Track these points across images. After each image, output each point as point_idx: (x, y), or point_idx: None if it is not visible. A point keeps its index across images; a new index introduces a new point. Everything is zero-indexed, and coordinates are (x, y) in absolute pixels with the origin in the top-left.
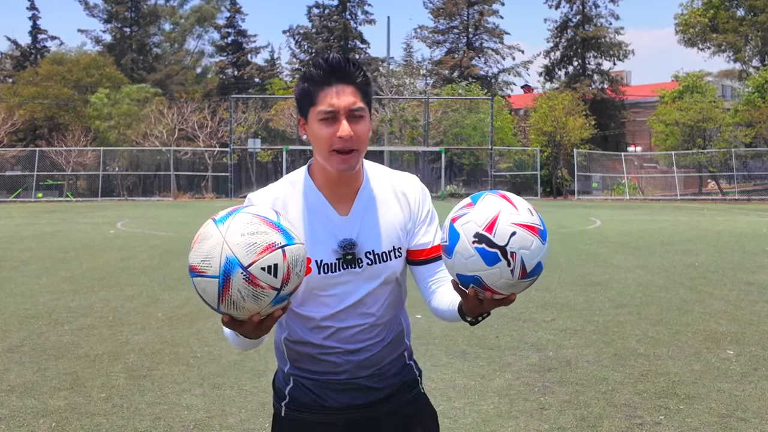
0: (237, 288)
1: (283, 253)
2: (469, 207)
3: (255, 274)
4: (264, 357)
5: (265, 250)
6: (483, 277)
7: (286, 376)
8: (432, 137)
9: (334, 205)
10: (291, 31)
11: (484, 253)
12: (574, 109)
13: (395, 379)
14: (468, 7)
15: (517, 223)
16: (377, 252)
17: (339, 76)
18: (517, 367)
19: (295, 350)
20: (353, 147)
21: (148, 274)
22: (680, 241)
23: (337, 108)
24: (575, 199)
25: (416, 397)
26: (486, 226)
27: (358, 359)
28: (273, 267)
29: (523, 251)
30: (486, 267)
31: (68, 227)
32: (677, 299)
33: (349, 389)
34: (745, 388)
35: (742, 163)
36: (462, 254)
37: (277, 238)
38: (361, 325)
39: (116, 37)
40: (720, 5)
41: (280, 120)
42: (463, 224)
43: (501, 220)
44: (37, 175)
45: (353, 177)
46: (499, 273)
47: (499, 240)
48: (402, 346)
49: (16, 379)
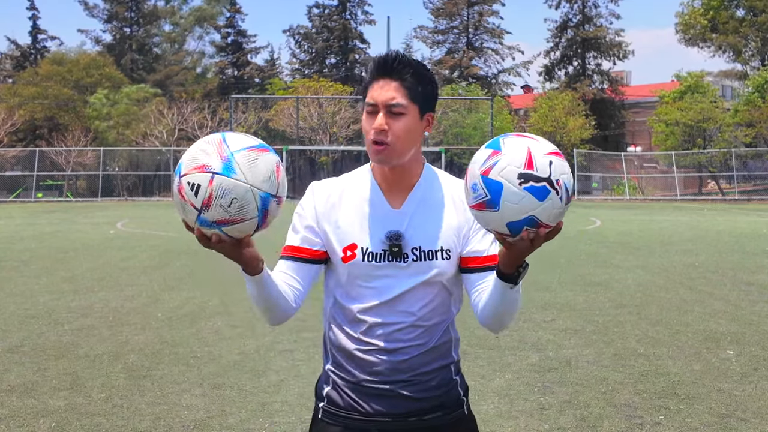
0: (174, 191)
1: (211, 178)
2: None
3: (182, 185)
4: (264, 357)
5: (197, 168)
6: (537, 214)
7: (326, 375)
8: (432, 137)
9: (387, 198)
10: (291, 31)
11: (534, 189)
12: (574, 109)
13: (436, 392)
14: (468, 7)
15: (549, 152)
16: (424, 249)
17: (385, 71)
18: (517, 367)
19: (335, 344)
20: (384, 140)
21: (148, 274)
22: (680, 241)
23: (377, 101)
24: (575, 199)
25: (459, 418)
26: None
27: (394, 359)
28: (196, 185)
29: (563, 176)
30: (539, 203)
31: (68, 227)
32: (677, 299)
33: (385, 396)
34: (745, 388)
35: (742, 163)
36: (511, 200)
37: (214, 163)
38: (400, 323)
39: (116, 37)
40: (720, 5)
41: (280, 120)
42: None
43: (535, 153)
44: (37, 175)
45: (407, 172)
46: (551, 205)
47: (542, 173)
48: (448, 358)
49: (16, 379)
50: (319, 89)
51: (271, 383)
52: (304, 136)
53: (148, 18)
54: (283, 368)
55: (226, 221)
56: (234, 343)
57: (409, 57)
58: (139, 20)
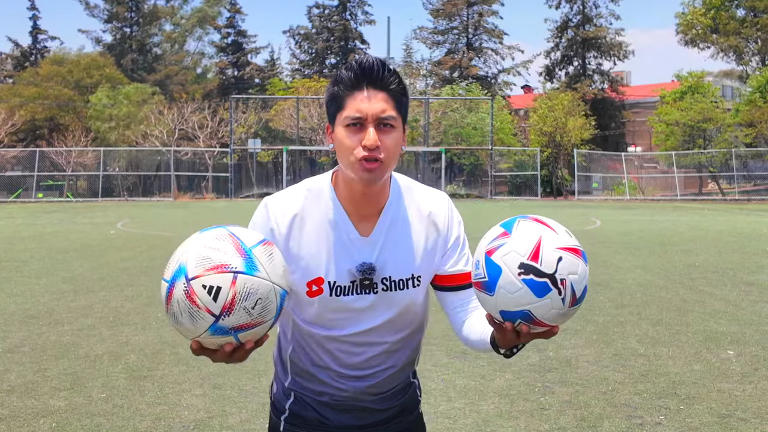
0: (176, 299)
1: (234, 278)
2: (505, 237)
3: (195, 289)
4: (264, 357)
5: (214, 269)
6: (532, 310)
7: (286, 390)
8: (432, 137)
9: (355, 223)
10: (291, 32)
11: (533, 284)
12: (574, 110)
13: (399, 400)
14: (467, 7)
15: (562, 247)
16: (395, 279)
17: (371, 80)
18: (518, 368)
19: (300, 367)
20: (378, 157)
21: (148, 274)
22: (680, 241)
23: (365, 114)
24: (575, 200)
25: (416, 419)
26: (531, 254)
27: (363, 385)
28: (215, 289)
29: (572, 276)
30: (536, 299)
31: (68, 227)
32: (677, 299)
33: (353, 410)
34: (746, 388)
35: (742, 164)
36: (507, 289)
37: (234, 262)
38: (371, 352)
39: (116, 37)
40: (720, 5)
41: (280, 120)
42: (503, 256)
43: (544, 245)
44: (37, 175)
45: (378, 193)
46: (550, 304)
47: (547, 268)
48: (410, 369)
49: (16, 380)
50: (319, 89)
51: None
52: (304, 136)
53: (148, 18)
54: None
55: (247, 325)
56: None
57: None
58: (140, 20)
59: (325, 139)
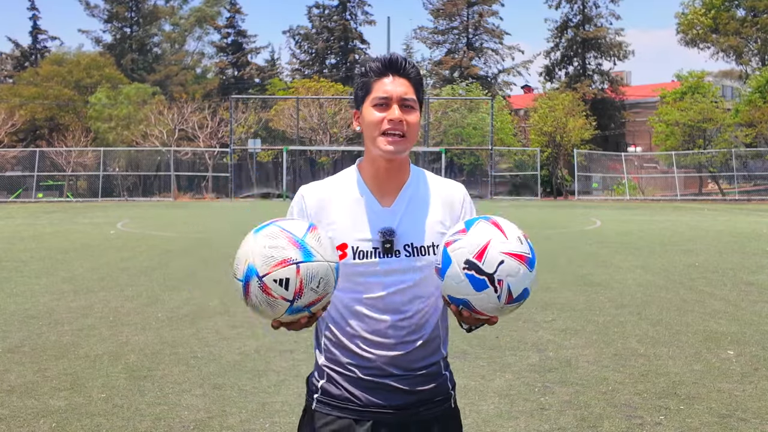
0: (254, 294)
1: (297, 268)
2: (462, 233)
3: (268, 285)
4: (264, 357)
5: (279, 264)
6: (471, 301)
7: (320, 370)
8: (432, 137)
9: (378, 197)
10: (291, 32)
11: (473, 279)
12: (574, 110)
13: (428, 385)
14: (468, 7)
15: (506, 252)
16: (416, 245)
17: (395, 69)
18: (518, 368)
19: (332, 341)
20: (402, 130)
21: (148, 274)
22: (680, 241)
23: (391, 95)
24: (575, 200)
25: (447, 412)
26: (476, 254)
27: (389, 354)
28: (285, 280)
29: (510, 278)
30: (474, 292)
31: (68, 227)
32: (677, 299)
33: (380, 388)
34: (746, 388)
35: (742, 164)
36: (452, 279)
37: (293, 254)
38: (393, 319)
39: (116, 37)
40: (720, 5)
41: (280, 120)
42: (455, 250)
43: (491, 248)
44: (37, 175)
45: (399, 170)
46: (486, 298)
47: (487, 268)
48: (437, 355)
49: (16, 380)
50: (319, 89)
51: (272, 383)
52: (304, 136)
53: (148, 18)
54: (283, 368)
55: (316, 300)
56: (234, 344)
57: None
58: (140, 20)
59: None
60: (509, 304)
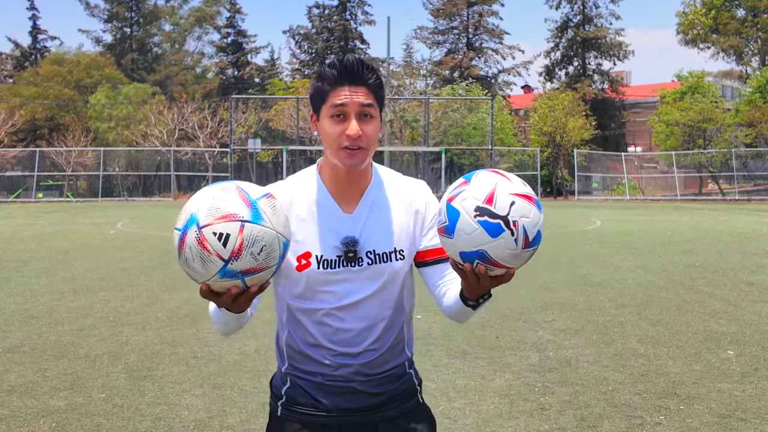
0: (189, 245)
1: (241, 227)
2: (464, 185)
3: (206, 236)
4: (264, 357)
5: (223, 218)
6: (488, 250)
7: (283, 376)
8: (432, 137)
9: (339, 203)
10: (291, 32)
11: (487, 225)
12: (574, 110)
13: (392, 385)
14: (468, 7)
15: (515, 193)
16: (378, 252)
17: (352, 77)
18: (518, 368)
19: (294, 349)
20: (361, 145)
21: (148, 274)
22: (680, 241)
23: (348, 106)
24: (575, 200)
25: (415, 406)
26: (485, 198)
27: (355, 363)
28: (224, 235)
29: (524, 219)
30: (490, 239)
31: (68, 227)
32: (677, 299)
33: (345, 392)
34: (746, 388)
35: (742, 164)
36: (465, 230)
37: (241, 211)
38: (360, 327)
39: (116, 37)
40: (721, 6)
41: (280, 120)
42: (462, 201)
43: (499, 191)
44: (37, 175)
45: (361, 176)
46: (504, 244)
47: (500, 210)
48: (401, 357)
49: (16, 380)
50: None
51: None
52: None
53: (148, 18)
54: None
55: (253, 269)
56: (234, 344)
57: (368, 62)
58: (140, 20)
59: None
60: (526, 249)
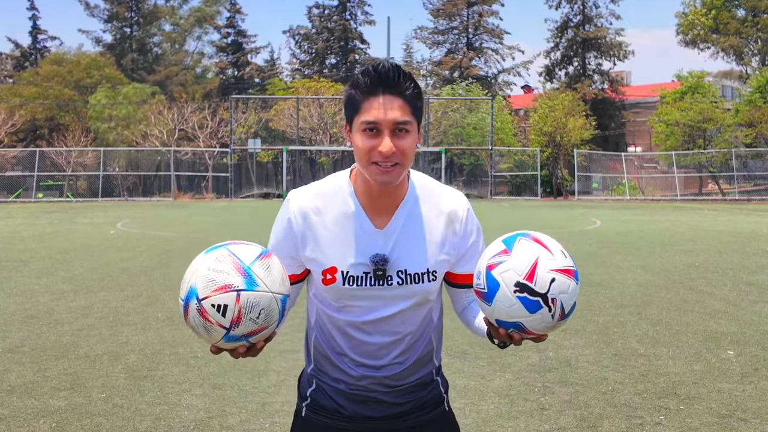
0: (192, 316)
1: (237, 296)
2: (505, 254)
3: (206, 309)
4: (265, 357)
5: (219, 290)
6: (524, 323)
7: (309, 377)
8: (432, 137)
9: (370, 216)
10: (291, 32)
11: (526, 301)
12: (574, 110)
13: (417, 395)
14: (467, 7)
15: (555, 269)
16: (410, 272)
17: (387, 86)
18: (518, 368)
19: (320, 352)
20: (396, 161)
21: (148, 274)
22: (680, 241)
23: (381, 122)
24: (575, 200)
25: (440, 415)
26: (526, 275)
27: (379, 375)
28: (223, 306)
29: (562, 296)
30: (528, 314)
31: (68, 227)
32: (677, 299)
33: (368, 401)
34: (746, 388)
35: (742, 164)
36: (503, 302)
37: (235, 281)
38: (386, 341)
39: (116, 37)
40: (721, 6)
41: (280, 120)
42: (502, 273)
43: (540, 267)
44: (37, 175)
45: (395, 189)
46: (540, 319)
47: (540, 288)
48: (429, 366)
49: (16, 380)
50: (319, 89)
51: (272, 383)
52: (304, 136)
53: (148, 18)
54: (283, 368)
55: (255, 331)
56: None
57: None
58: (140, 20)
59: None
60: (561, 321)
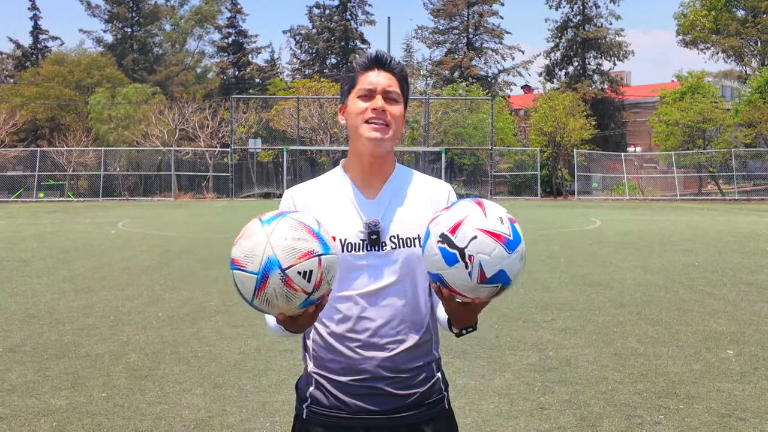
0: (273, 287)
1: (319, 261)
2: (445, 210)
3: (291, 277)
4: (265, 357)
5: (304, 256)
6: (444, 275)
7: (308, 377)
8: (432, 137)
9: (362, 190)
10: (291, 32)
11: (445, 252)
12: (574, 110)
13: (419, 388)
14: (468, 7)
15: (481, 229)
16: (402, 237)
17: (380, 64)
18: (517, 367)
19: (319, 343)
20: (386, 120)
21: (149, 273)
22: (680, 241)
23: (375, 86)
24: (575, 199)
25: (441, 413)
26: (451, 227)
27: (378, 355)
28: (308, 272)
29: (481, 255)
30: (446, 266)
31: (69, 227)
32: (677, 299)
33: (371, 394)
34: (745, 387)
35: (742, 164)
36: (429, 252)
37: (315, 247)
38: (383, 317)
39: (117, 37)
40: (721, 6)
41: (281, 120)
42: (435, 225)
43: (466, 223)
44: (38, 175)
45: (384, 163)
46: (457, 273)
47: (459, 242)
48: (429, 356)
49: (17, 379)
50: (320, 89)
51: (272, 383)
52: (304, 136)
53: (149, 18)
54: (284, 368)
55: (327, 293)
56: (235, 343)
57: None
58: (140, 20)
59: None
60: (483, 284)
